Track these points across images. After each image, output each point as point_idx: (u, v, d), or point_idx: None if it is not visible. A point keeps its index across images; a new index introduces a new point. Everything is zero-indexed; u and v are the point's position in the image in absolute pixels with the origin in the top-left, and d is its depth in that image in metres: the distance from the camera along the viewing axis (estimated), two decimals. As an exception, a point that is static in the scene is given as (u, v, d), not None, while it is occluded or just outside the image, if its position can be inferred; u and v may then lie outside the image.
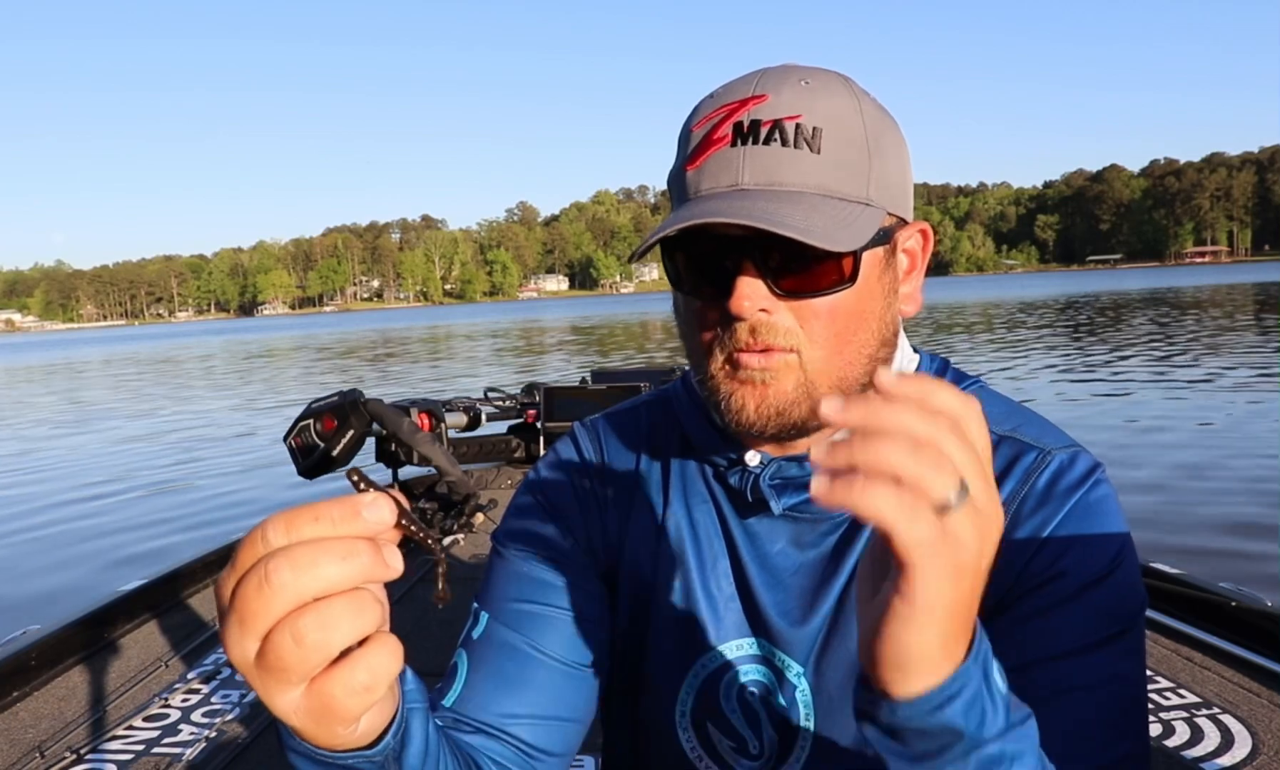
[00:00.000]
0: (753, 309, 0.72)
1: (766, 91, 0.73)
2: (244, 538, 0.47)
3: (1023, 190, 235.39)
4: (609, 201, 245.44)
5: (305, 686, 0.48)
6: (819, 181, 0.72)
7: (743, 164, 0.72)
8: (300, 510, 0.45)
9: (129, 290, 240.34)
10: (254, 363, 31.39)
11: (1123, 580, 0.74)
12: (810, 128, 0.72)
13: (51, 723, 2.58)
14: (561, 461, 0.93)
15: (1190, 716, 2.29)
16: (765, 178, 0.72)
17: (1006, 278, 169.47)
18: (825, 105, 0.73)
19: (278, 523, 0.45)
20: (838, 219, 0.71)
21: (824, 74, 0.76)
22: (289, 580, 0.44)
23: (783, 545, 0.83)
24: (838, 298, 0.73)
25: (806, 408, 0.75)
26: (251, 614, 0.45)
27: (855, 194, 0.73)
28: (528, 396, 5.49)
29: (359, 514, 0.44)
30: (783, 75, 0.75)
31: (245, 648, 0.46)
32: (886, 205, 0.76)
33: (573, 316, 63.01)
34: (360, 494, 0.46)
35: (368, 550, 0.45)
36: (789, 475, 0.80)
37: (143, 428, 14.31)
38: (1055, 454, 0.78)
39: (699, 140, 0.75)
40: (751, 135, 0.72)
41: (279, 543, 0.45)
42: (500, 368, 21.81)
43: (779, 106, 0.72)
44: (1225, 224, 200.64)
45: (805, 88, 0.73)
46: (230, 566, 0.47)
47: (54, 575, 6.31)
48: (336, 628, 0.45)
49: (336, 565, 0.44)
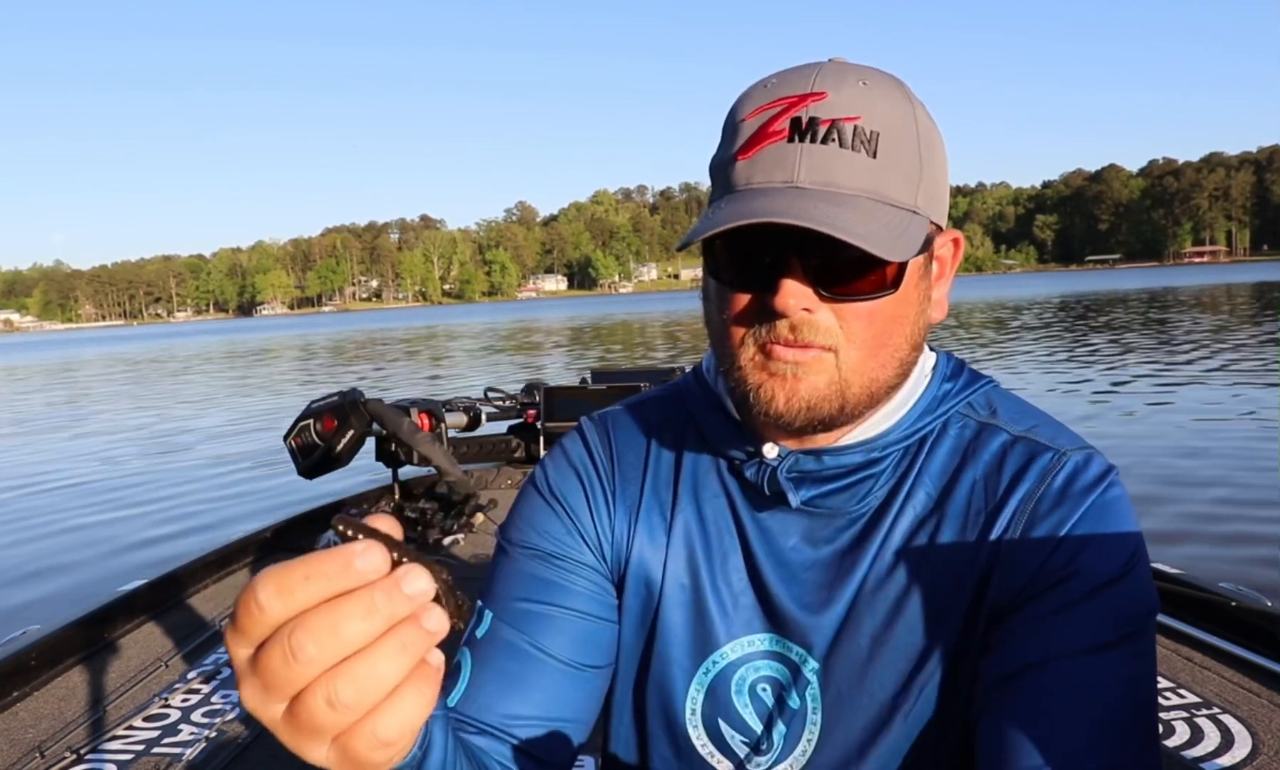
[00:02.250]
0: (797, 308, 0.72)
1: (826, 89, 0.72)
2: (239, 601, 0.43)
3: (1021, 190, 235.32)
4: (608, 201, 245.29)
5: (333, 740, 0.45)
6: (874, 186, 0.72)
7: (799, 161, 0.71)
8: (291, 568, 0.42)
9: (127, 290, 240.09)
10: (253, 362, 31.37)
11: (1136, 582, 0.74)
12: (869, 131, 0.71)
13: (51, 723, 2.58)
14: (568, 457, 0.92)
15: (1190, 716, 2.29)
16: (822, 178, 0.71)
17: (1005, 277, 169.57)
18: (883, 109, 0.73)
19: (268, 585, 0.42)
20: (892, 226, 0.71)
21: (881, 76, 0.76)
22: (314, 655, 0.42)
23: (796, 540, 0.83)
24: (880, 302, 0.74)
25: (837, 405, 0.75)
26: (279, 684, 0.43)
27: (906, 201, 0.74)
28: (528, 396, 5.49)
29: (351, 566, 0.42)
30: (840, 74, 0.74)
31: (272, 711, 0.44)
32: (931, 214, 0.76)
33: (572, 316, 63.00)
34: (350, 544, 0.43)
35: (408, 625, 0.43)
36: (806, 469, 0.80)
37: (142, 428, 14.30)
38: (1071, 455, 0.78)
39: (753, 131, 0.74)
40: (810, 132, 0.71)
41: (270, 605, 0.42)
42: (498, 368, 21.80)
43: (838, 106, 0.72)
44: (1224, 224, 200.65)
45: (864, 89, 0.73)
46: (234, 628, 0.44)
47: (53, 575, 6.31)
48: (371, 689, 0.42)
49: (362, 622, 0.42)
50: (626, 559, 0.88)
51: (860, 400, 0.76)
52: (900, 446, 0.81)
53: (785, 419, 0.75)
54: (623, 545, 0.88)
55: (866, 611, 0.80)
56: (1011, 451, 0.79)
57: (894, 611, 0.79)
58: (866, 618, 0.80)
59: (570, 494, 0.90)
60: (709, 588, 0.85)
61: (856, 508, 0.82)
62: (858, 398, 0.76)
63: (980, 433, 0.82)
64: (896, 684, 0.79)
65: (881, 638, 0.79)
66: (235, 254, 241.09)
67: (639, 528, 0.88)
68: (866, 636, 0.80)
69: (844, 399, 0.75)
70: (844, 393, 0.75)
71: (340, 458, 4.34)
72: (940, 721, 0.79)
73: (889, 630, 0.79)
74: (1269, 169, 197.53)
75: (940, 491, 0.80)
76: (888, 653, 0.79)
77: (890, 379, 0.78)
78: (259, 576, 0.43)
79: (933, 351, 0.87)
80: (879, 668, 0.79)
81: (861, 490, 0.81)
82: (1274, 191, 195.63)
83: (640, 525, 0.88)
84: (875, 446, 0.80)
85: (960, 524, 0.79)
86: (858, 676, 0.80)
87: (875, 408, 0.80)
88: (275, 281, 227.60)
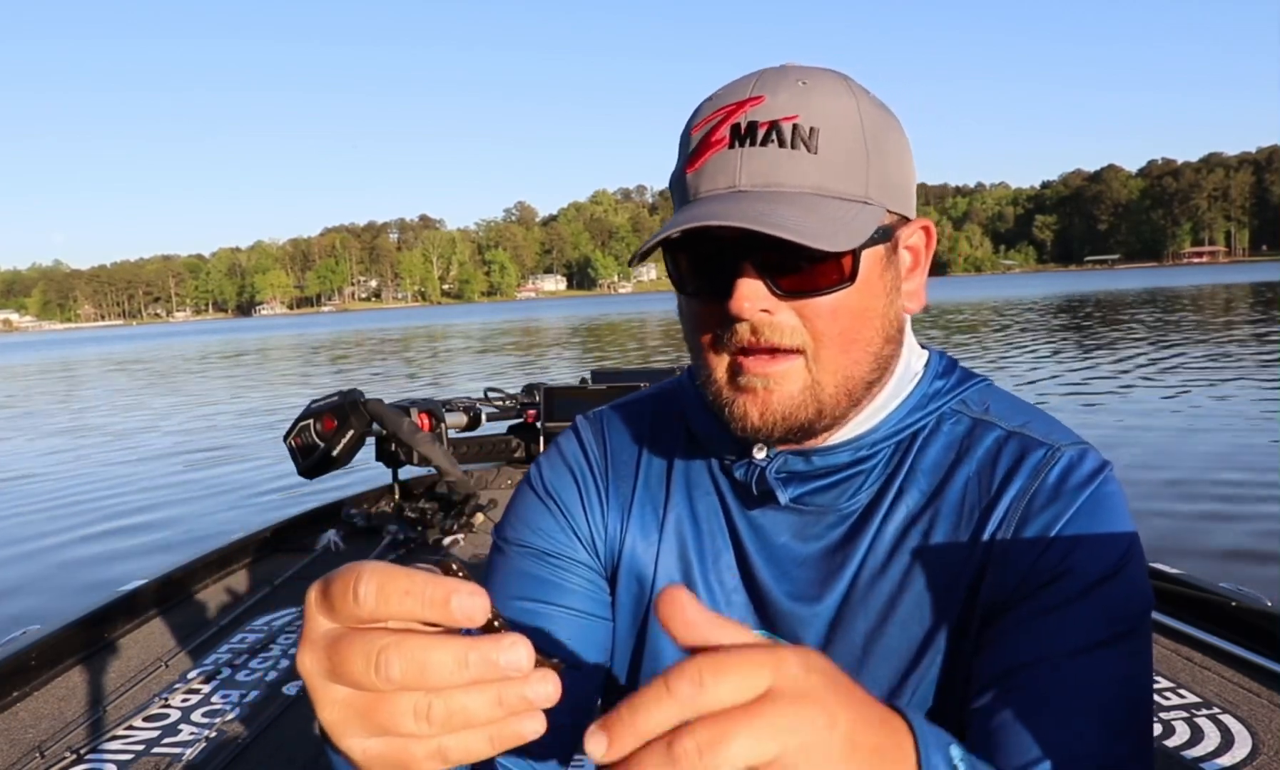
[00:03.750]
0: (753, 309, 0.72)
1: (764, 93, 0.74)
2: (339, 578, 0.44)
3: (1020, 190, 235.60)
4: (607, 201, 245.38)
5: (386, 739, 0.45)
6: (816, 181, 0.73)
7: (740, 165, 0.73)
8: (395, 576, 0.43)
9: (127, 290, 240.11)
10: (254, 361, 31.37)
11: (1130, 579, 0.74)
12: (807, 128, 0.72)
13: (51, 723, 2.58)
14: (564, 455, 0.93)
15: (1190, 716, 2.30)
16: (763, 179, 0.72)
17: (1004, 278, 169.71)
18: (822, 105, 0.73)
19: (372, 581, 0.43)
20: (834, 218, 0.71)
21: (822, 73, 0.76)
22: (397, 677, 0.42)
23: (788, 538, 0.83)
24: (840, 296, 0.74)
25: (813, 409, 0.75)
26: (352, 680, 0.44)
27: (854, 193, 0.74)
28: (528, 396, 5.49)
29: (449, 602, 0.42)
30: (780, 76, 0.75)
31: (328, 689, 0.45)
32: (887, 203, 0.76)
33: (571, 316, 63.03)
34: (457, 581, 0.43)
35: (511, 685, 0.43)
36: (795, 469, 0.81)
37: (141, 427, 14.30)
38: (1064, 451, 0.78)
39: (698, 143, 0.75)
40: (749, 137, 0.73)
41: (367, 600, 0.43)
42: (498, 368, 21.80)
43: (776, 107, 0.73)
44: (1223, 224, 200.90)
45: (802, 88, 0.74)
46: (324, 601, 0.44)
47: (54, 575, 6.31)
48: (460, 720, 0.43)
49: (451, 672, 0.42)
50: (619, 555, 0.88)
51: (837, 400, 0.76)
52: (889, 444, 0.81)
53: (762, 433, 0.76)
54: (616, 542, 0.89)
55: (860, 609, 0.80)
56: (1005, 448, 0.79)
57: (888, 609, 0.79)
58: (860, 615, 0.80)
59: (564, 492, 0.90)
60: (701, 584, 0.85)
61: (846, 504, 0.82)
62: (834, 398, 0.76)
63: (973, 429, 0.82)
64: (891, 681, 0.79)
65: (875, 635, 0.79)
66: (234, 254, 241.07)
67: (631, 524, 0.88)
68: (860, 634, 0.80)
69: (819, 401, 0.75)
70: (818, 396, 0.75)
71: (340, 458, 4.35)
72: (935, 720, 0.78)
73: (883, 628, 0.79)
74: (1268, 169, 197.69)
75: (933, 488, 0.80)
76: (882, 650, 0.79)
77: (866, 375, 0.77)
78: (366, 567, 0.43)
79: (925, 350, 0.87)
80: (873, 665, 0.79)
81: (851, 487, 0.81)
82: (1273, 192, 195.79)
83: (633, 522, 0.88)
84: (864, 444, 0.80)
85: (954, 521, 0.79)
86: (852, 674, 0.79)
87: (857, 406, 0.79)
88: (274, 281, 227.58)
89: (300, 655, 0.46)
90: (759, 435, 0.76)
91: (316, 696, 0.46)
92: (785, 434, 0.76)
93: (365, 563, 0.44)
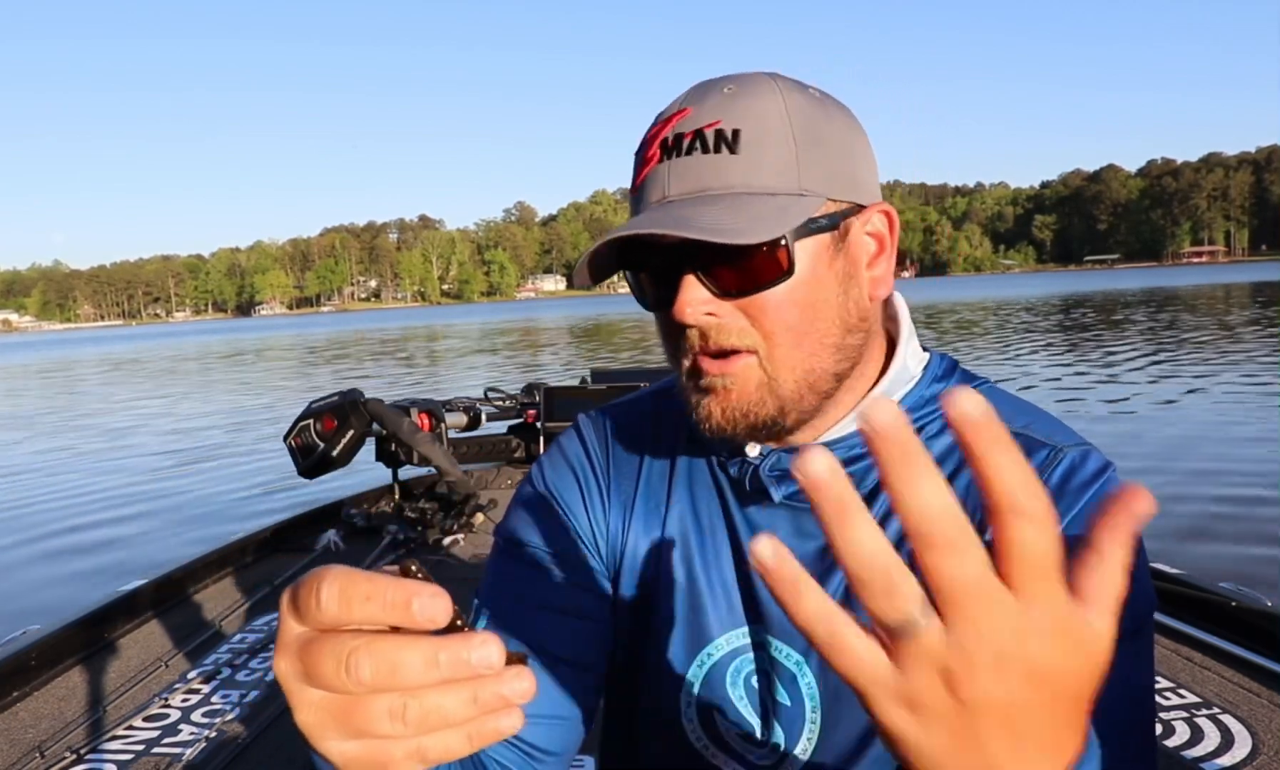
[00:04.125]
0: (695, 314, 0.74)
1: (690, 105, 0.76)
2: (304, 584, 0.44)
3: (1020, 190, 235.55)
4: (607, 201, 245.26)
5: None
6: (741, 180, 0.74)
7: (668, 176, 0.75)
8: (356, 581, 0.43)
9: (126, 290, 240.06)
10: (251, 361, 31.38)
11: (1135, 580, 0.73)
12: (730, 131, 0.74)
13: (51, 723, 2.58)
14: (565, 454, 0.93)
15: (1190, 716, 2.30)
16: (689, 186, 0.75)
17: (1004, 278, 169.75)
18: (745, 106, 0.75)
19: (334, 585, 0.43)
20: (757, 214, 0.72)
21: (750, 77, 0.78)
22: (368, 679, 0.42)
23: (784, 535, 0.83)
24: (782, 290, 0.74)
25: (773, 405, 0.76)
26: (325, 683, 0.43)
27: (784, 187, 0.74)
28: (528, 396, 5.50)
29: (410, 605, 0.42)
30: (708, 87, 0.77)
31: (305, 693, 0.45)
32: (828, 192, 0.76)
33: (570, 316, 63.07)
34: (417, 582, 0.42)
35: (487, 683, 0.42)
36: (787, 465, 0.81)
37: (139, 428, 14.30)
38: (1067, 452, 0.78)
39: (637, 163, 0.79)
40: (675, 149, 0.75)
41: (329, 605, 0.43)
42: (498, 368, 21.81)
43: (701, 116, 0.75)
44: (1222, 224, 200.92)
45: (726, 94, 0.76)
46: (293, 606, 0.44)
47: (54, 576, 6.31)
48: (435, 720, 0.43)
49: (421, 672, 0.42)
50: (621, 554, 0.89)
51: (799, 395, 0.77)
52: None
53: (726, 431, 0.77)
54: (618, 541, 0.89)
55: (858, 609, 0.80)
56: None
57: None
58: (858, 613, 0.80)
59: (566, 491, 0.90)
60: (703, 581, 0.85)
61: None
62: (795, 393, 0.76)
63: None
64: None
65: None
66: (234, 254, 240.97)
67: (634, 523, 0.89)
68: None
69: (779, 397, 0.76)
70: (777, 391, 0.76)
71: (340, 458, 4.35)
72: None
73: None
74: (1267, 169, 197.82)
75: None
76: None
77: (828, 367, 0.77)
78: (329, 573, 0.43)
79: (926, 352, 0.87)
80: None
81: None
82: (1272, 192, 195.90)
83: (635, 520, 0.89)
84: (857, 442, 0.80)
85: None
86: None
87: (829, 398, 0.79)
88: (274, 281, 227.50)
89: (275, 660, 0.46)
90: (723, 434, 0.77)
91: (293, 700, 0.46)
92: (749, 432, 0.77)
93: (329, 567, 0.44)
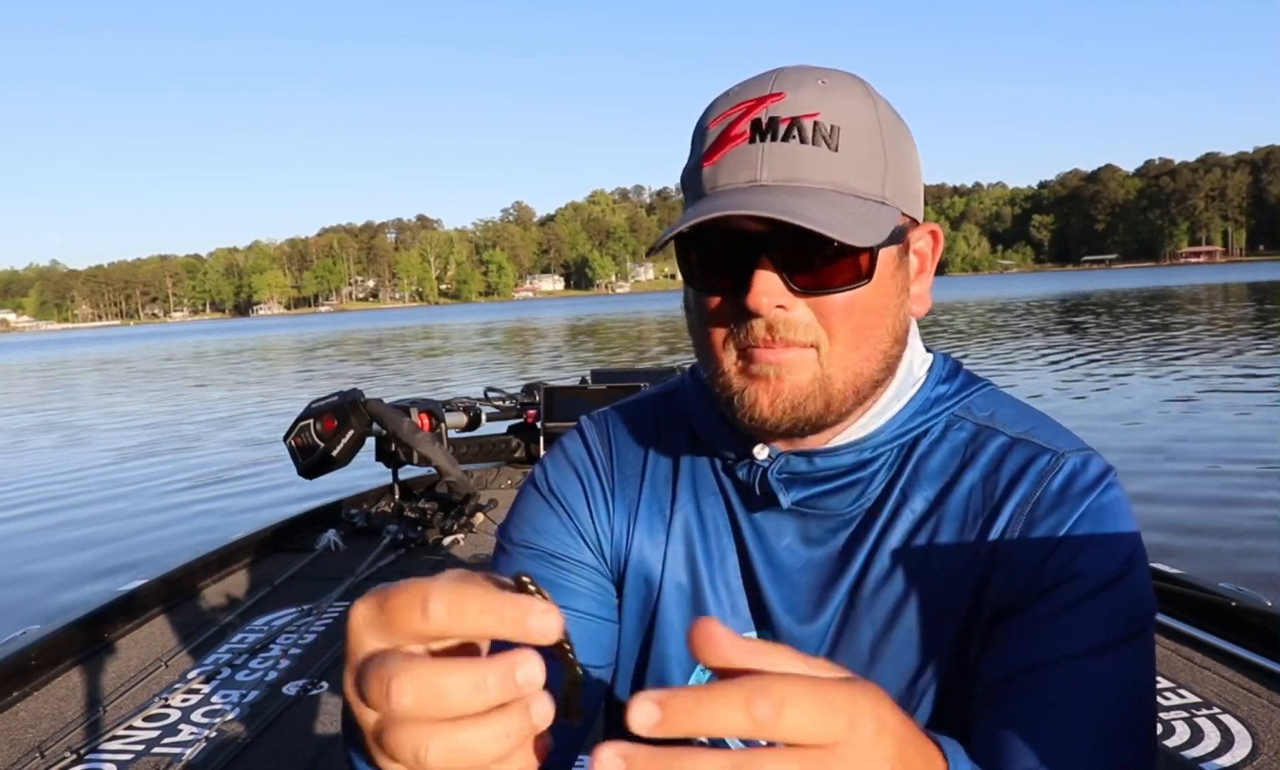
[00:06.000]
0: (770, 305, 0.72)
1: (784, 90, 0.73)
2: (394, 593, 0.42)
3: (1018, 190, 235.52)
4: (605, 201, 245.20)
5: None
6: (838, 178, 0.73)
7: (761, 160, 0.72)
8: (469, 592, 0.41)
9: (124, 290, 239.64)
10: (250, 361, 31.34)
11: (1135, 583, 0.74)
12: (829, 126, 0.72)
13: (51, 723, 2.58)
14: (568, 456, 0.92)
15: (1190, 716, 2.30)
16: (784, 174, 0.72)
17: (1002, 277, 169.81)
18: (842, 104, 0.74)
19: (442, 596, 0.40)
20: (856, 215, 0.72)
21: (840, 75, 0.77)
22: (409, 706, 0.40)
23: (790, 540, 0.83)
24: (855, 294, 0.74)
25: (821, 402, 0.75)
26: (371, 702, 0.41)
27: (872, 193, 0.74)
28: (528, 396, 5.49)
29: (528, 620, 0.40)
30: (800, 75, 0.75)
31: (360, 709, 0.43)
32: (900, 205, 0.77)
33: (569, 316, 63.02)
34: (532, 598, 0.41)
35: (517, 713, 0.41)
36: (797, 470, 0.80)
37: (139, 427, 14.28)
38: (1069, 457, 0.78)
39: (716, 136, 0.75)
40: (770, 132, 0.72)
41: (438, 617, 0.40)
42: (498, 368, 21.80)
43: (797, 104, 0.73)
44: (1220, 224, 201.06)
45: (822, 87, 0.74)
46: (378, 609, 0.42)
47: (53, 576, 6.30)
48: (461, 759, 0.40)
49: (467, 697, 0.40)
50: (626, 557, 0.88)
51: (845, 396, 0.76)
52: (892, 447, 0.81)
53: (771, 422, 0.75)
54: (622, 544, 0.88)
55: (865, 615, 0.80)
56: (1010, 454, 0.79)
57: (893, 615, 0.79)
58: (866, 622, 0.80)
59: (569, 493, 0.89)
60: (708, 586, 0.85)
61: (850, 509, 0.81)
62: (842, 394, 0.76)
63: (978, 435, 0.82)
64: (897, 688, 0.79)
65: (881, 642, 0.79)
66: (232, 254, 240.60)
67: (638, 526, 0.88)
68: (866, 641, 0.79)
69: (828, 395, 0.75)
70: (827, 389, 0.75)
71: (340, 458, 4.35)
72: (940, 725, 0.78)
73: (888, 634, 0.79)
74: (1265, 169, 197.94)
75: (938, 494, 0.80)
76: (888, 657, 0.79)
77: (874, 374, 0.78)
78: (436, 584, 0.41)
79: (930, 353, 0.87)
80: (879, 672, 0.79)
81: (853, 491, 0.81)
82: (1270, 192, 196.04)
83: (639, 524, 0.88)
84: (866, 447, 0.80)
85: (958, 527, 0.79)
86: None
87: (862, 405, 0.79)
88: (272, 281, 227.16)
89: (344, 679, 0.45)
90: (767, 425, 0.75)
91: (357, 717, 0.44)
92: (793, 426, 0.76)
93: (433, 580, 0.41)
